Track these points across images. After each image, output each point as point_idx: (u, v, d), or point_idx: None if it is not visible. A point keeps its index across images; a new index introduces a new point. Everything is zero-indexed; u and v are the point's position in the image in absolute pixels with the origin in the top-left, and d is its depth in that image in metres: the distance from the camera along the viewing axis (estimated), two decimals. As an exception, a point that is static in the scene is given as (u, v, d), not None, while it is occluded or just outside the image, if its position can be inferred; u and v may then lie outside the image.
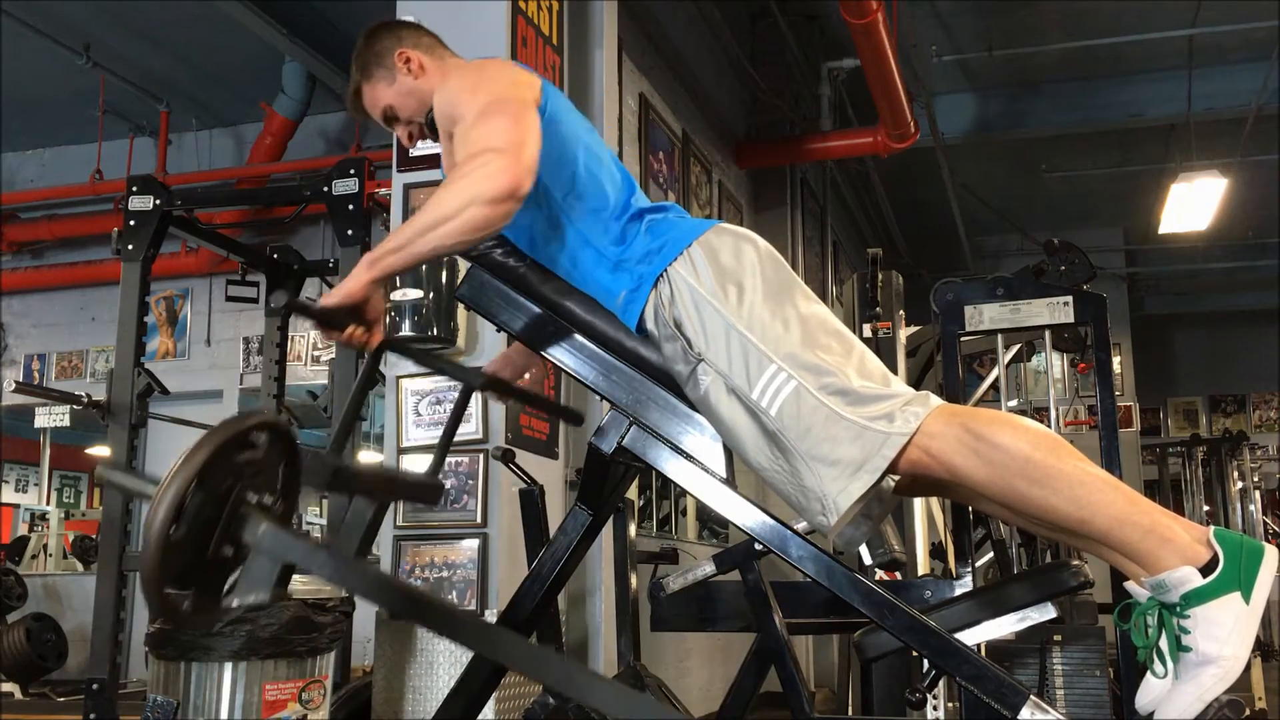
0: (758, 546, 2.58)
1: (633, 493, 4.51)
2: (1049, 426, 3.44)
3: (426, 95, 2.01)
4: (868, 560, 3.90)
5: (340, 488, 1.74)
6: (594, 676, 1.62)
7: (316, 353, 7.83)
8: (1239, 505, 9.42)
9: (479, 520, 3.48)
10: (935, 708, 3.64)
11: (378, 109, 2.07)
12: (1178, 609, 1.55)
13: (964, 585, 3.25)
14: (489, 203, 1.68)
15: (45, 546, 9.17)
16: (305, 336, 7.81)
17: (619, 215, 1.88)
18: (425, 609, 1.74)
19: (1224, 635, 1.52)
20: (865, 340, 4.27)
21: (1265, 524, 10.26)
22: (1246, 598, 1.53)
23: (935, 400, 1.68)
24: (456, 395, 2.10)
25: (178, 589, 1.67)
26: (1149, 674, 1.57)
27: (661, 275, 1.79)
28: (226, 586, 1.76)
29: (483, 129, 1.76)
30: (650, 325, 1.80)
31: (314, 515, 10.91)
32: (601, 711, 1.47)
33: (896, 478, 1.72)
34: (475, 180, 1.68)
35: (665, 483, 5.84)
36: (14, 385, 5.25)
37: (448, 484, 3.50)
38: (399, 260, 1.75)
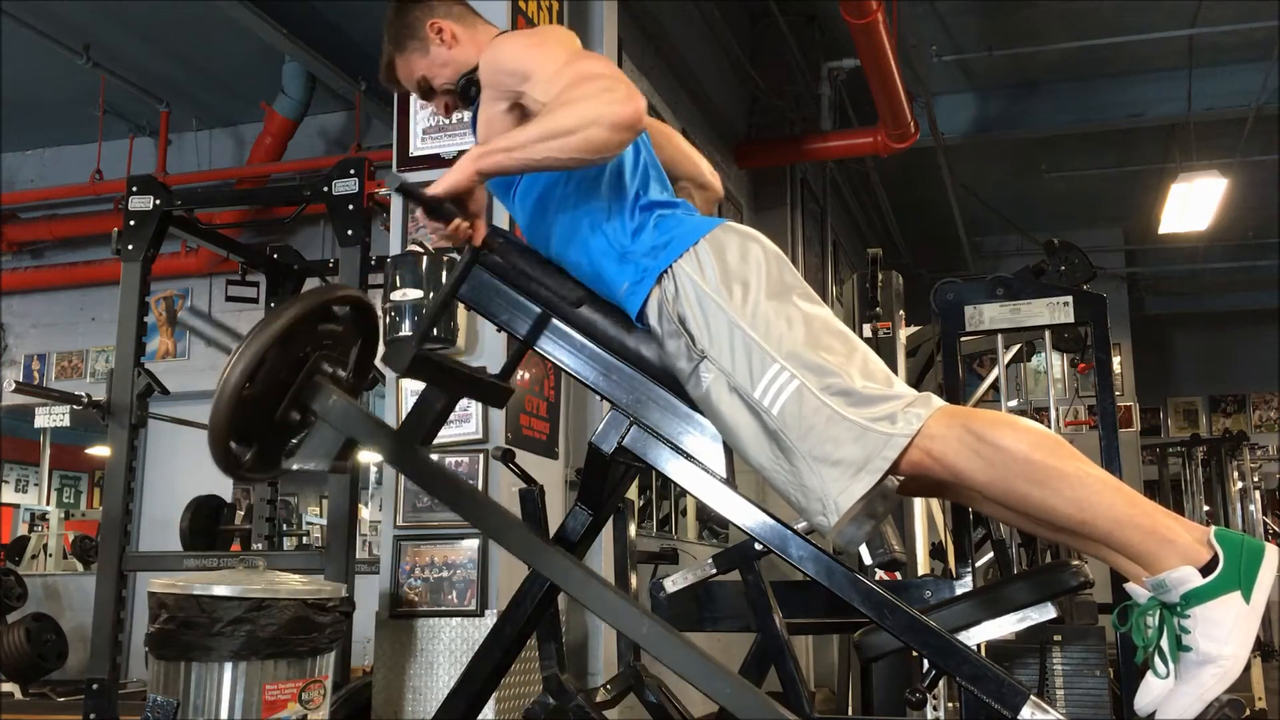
0: (758, 546, 2.58)
1: (633, 493, 4.51)
2: (1049, 427, 3.44)
3: (461, 64, 2.00)
4: (868, 560, 3.90)
5: (416, 374, 1.73)
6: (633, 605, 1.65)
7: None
8: (1239, 505, 9.42)
9: (479, 520, 3.48)
10: (935, 708, 3.64)
11: (412, 80, 2.06)
12: (1178, 609, 1.55)
13: (964, 585, 3.25)
14: (611, 126, 1.69)
15: (45, 546, 9.18)
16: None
17: (634, 204, 1.88)
18: (475, 507, 1.75)
19: (1224, 635, 1.52)
20: (865, 340, 4.26)
21: (1265, 524, 10.26)
22: (1247, 597, 1.53)
23: (937, 401, 1.67)
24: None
25: (242, 444, 1.70)
26: (1149, 674, 1.57)
27: (666, 271, 1.79)
28: (288, 449, 1.79)
29: (585, 65, 1.77)
30: (653, 321, 1.80)
31: (314, 515, 10.92)
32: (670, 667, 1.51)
33: (899, 478, 1.72)
34: (600, 102, 1.69)
35: (665, 483, 5.84)
36: (14, 385, 5.24)
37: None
38: (509, 160, 1.74)
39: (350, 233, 3.88)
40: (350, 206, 3.89)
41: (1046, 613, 1.98)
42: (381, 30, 2.09)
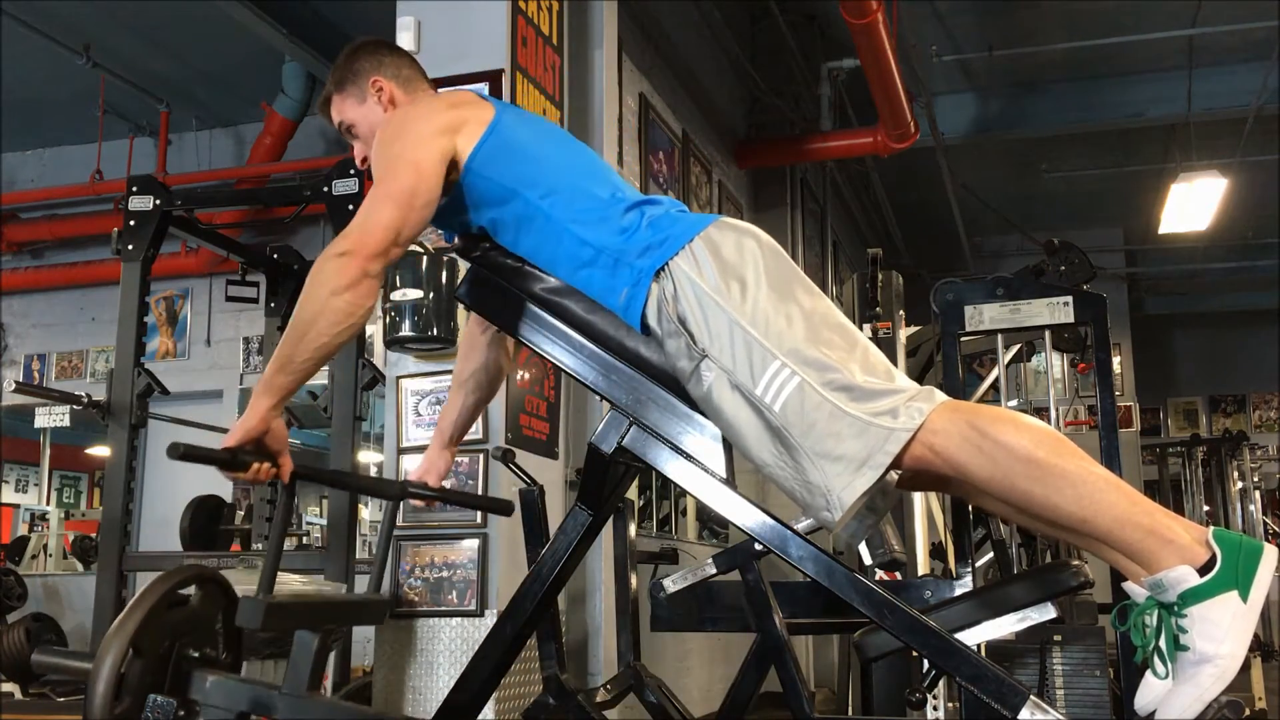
0: (758, 546, 2.58)
1: (633, 493, 4.51)
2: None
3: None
4: (868, 560, 3.90)
5: (270, 628, 1.72)
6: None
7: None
8: (1239, 505, 9.43)
9: (479, 520, 3.48)
10: (935, 708, 3.64)
11: (338, 120, 2.13)
12: (1175, 608, 1.55)
13: (964, 585, 3.25)
14: (340, 292, 1.77)
15: (45, 546, 9.16)
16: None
17: (612, 209, 1.87)
18: None
19: (1220, 634, 1.52)
20: (865, 340, 4.26)
21: (1265, 524, 10.26)
22: (1244, 596, 1.53)
23: (940, 396, 1.68)
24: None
25: None
26: (1149, 674, 1.57)
27: (663, 270, 1.78)
28: None
29: (367, 203, 1.84)
30: (653, 322, 1.80)
31: (314, 515, 10.92)
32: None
33: (900, 473, 1.72)
34: (324, 276, 1.78)
35: (665, 483, 5.84)
36: (14, 385, 5.24)
37: (448, 484, 3.49)
38: (288, 378, 1.79)
39: (350, 233, 3.87)
40: (350, 206, 3.88)
41: (1046, 613, 1.98)
42: (380, 31, 2.10)
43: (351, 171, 3.91)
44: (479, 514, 3.47)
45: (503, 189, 1.89)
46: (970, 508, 3.30)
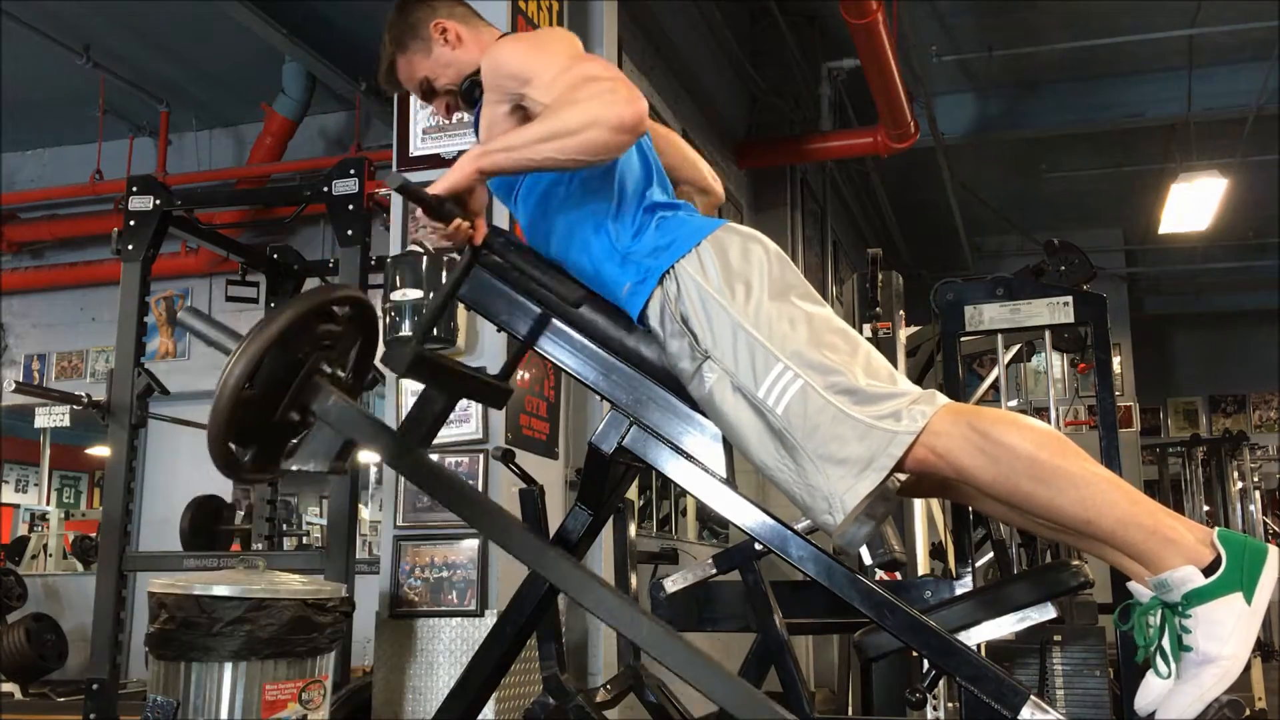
0: (758, 546, 2.58)
1: (633, 493, 4.51)
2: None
3: (464, 65, 2.00)
4: (868, 560, 3.90)
5: (416, 374, 1.74)
6: (632, 608, 1.63)
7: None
8: (1239, 505, 9.42)
9: (479, 520, 3.47)
10: (935, 708, 3.64)
11: (414, 81, 2.06)
12: (1179, 608, 1.55)
13: (964, 585, 3.25)
14: (612, 128, 1.69)
15: (45, 546, 9.17)
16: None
17: (636, 206, 1.88)
18: (475, 509, 1.74)
19: (1225, 635, 1.51)
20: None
21: (1265, 524, 10.26)
22: (1248, 598, 1.53)
23: (941, 398, 1.67)
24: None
25: (241, 445, 1.70)
26: (1150, 674, 1.57)
27: (668, 272, 1.79)
28: (288, 450, 1.78)
29: (587, 67, 1.77)
30: (655, 322, 1.80)
31: (314, 515, 10.92)
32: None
33: (902, 476, 1.72)
34: (602, 103, 1.69)
35: (665, 483, 5.84)
36: (14, 385, 5.24)
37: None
38: (509, 160, 1.74)
39: (350, 233, 3.88)
40: (350, 206, 3.88)
41: (1046, 613, 1.98)
42: (382, 30, 2.08)
43: (351, 171, 3.91)
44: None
45: None
46: (970, 508, 3.30)
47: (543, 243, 1.96)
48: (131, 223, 4.03)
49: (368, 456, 6.55)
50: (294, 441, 1.79)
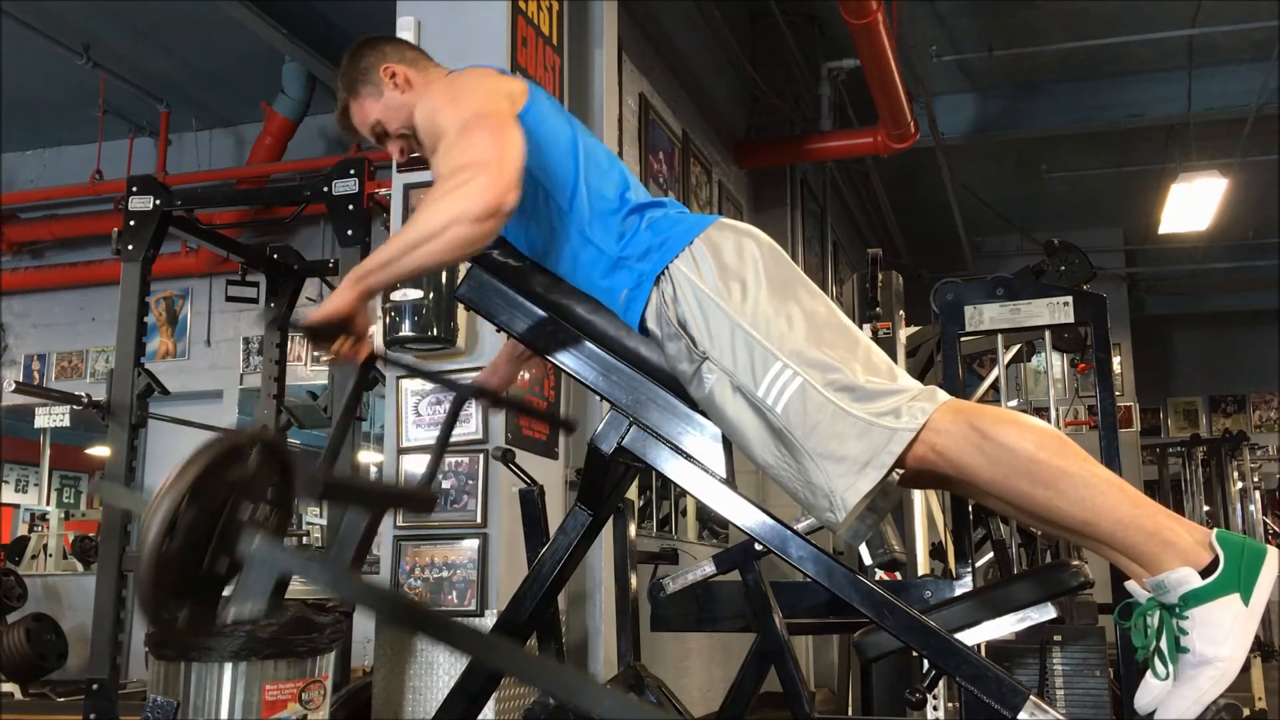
0: (758, 546, 2.58)
1: (633, 493, 4.51)
2: (1049, 427, 3.43)
3: (413, 108, 2.01)
4: (868, 560, 3.90)
5: (333, 499, 1.74)
6: (589, 681, 1.62)
7: (316, 353, 7.83)
8: (1239, 506, 9.42)
9: (479, 520, 3.48)
10: (935, 708, 3.64)
11: (366, 125, 2.09)
12: (1176, 610, 1.55)
13: (964, 585, 3.25)
14: (472, 221, 1.68)
15: (45, 547, 9.16)
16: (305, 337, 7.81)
17: (617, 211, 1.88)
18: (419, 619, 1.74)
19: (1221, 636, 1.52)
20: (865, 340, 4.26)
21: (1265, 524, 10.26)
22: (1246, 599, 1.53)
23: (942, 395, 1.67)
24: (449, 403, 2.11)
25: (174, 602, 1.67)
26: (1149, 675, 1.57)
27: (663, 273, 1.78)
28: (222, 599, 1.77)
29: (464, 144, 1.76)
30: (652, 325, 1.80)
31: (314, 515, 10.91)
32: (597, 716, 1.48)
33: (901, 472, 1.72)
34: (458, 198, 1.68)
35: (665, 483, 5.84)
36: (14, 385, 5.24)
37: (447, 484, 3.50)
38: (387, 275, 1.76)
39: (350, 233, 3.88)
40: (350, 207, 3.88)
41: (1046, 613, 1.98)
42: (381, 30, 2.09)
43: (351, 171, 3.91)
44: (479, 514, 3.47)
45: (525, 172, 1.81)
46: (970, 508, 3.30)
47: (540, 261, 1.96)
48: (131, 223, 4.03)
49: (368, 456, 6.56)
50: (228, 590, 1.79)
